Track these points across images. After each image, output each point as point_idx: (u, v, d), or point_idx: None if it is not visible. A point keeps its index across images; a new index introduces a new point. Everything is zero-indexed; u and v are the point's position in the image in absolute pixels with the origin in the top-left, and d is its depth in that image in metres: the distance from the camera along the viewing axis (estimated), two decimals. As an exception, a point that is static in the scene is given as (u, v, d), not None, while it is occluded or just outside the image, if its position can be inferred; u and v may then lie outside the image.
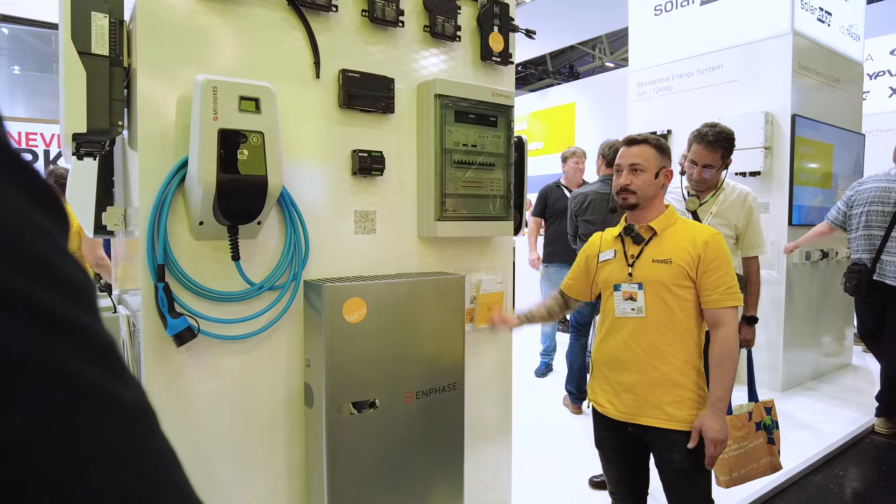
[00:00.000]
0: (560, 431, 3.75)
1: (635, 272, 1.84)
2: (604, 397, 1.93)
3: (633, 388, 1.83)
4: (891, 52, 7.40)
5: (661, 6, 5.35)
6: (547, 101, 14.41)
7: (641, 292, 1.81)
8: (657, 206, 1.89)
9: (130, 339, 1.76)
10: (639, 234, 1.86)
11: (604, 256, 1.95)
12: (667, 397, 1.78)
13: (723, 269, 1.77)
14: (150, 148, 1.64)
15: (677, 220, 1.88)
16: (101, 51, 1.57)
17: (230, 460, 1.80)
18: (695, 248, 1.78)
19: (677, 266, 1.78)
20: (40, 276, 0.26)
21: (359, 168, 1.96)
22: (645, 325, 1.81)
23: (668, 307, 1.79)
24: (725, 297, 1.76)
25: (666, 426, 1.79)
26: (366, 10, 1.97)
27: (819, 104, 4.83)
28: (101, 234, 2.12)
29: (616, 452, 1.98)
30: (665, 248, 1.82)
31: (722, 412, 1.74)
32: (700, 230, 1.84)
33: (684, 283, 1.78)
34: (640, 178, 1.84)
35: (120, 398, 0.28)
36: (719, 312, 1.77)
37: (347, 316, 1.79)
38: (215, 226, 1.66)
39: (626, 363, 1.85)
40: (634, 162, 1.85)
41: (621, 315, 1.85)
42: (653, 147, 1.87)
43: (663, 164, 1.88)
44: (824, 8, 4.88)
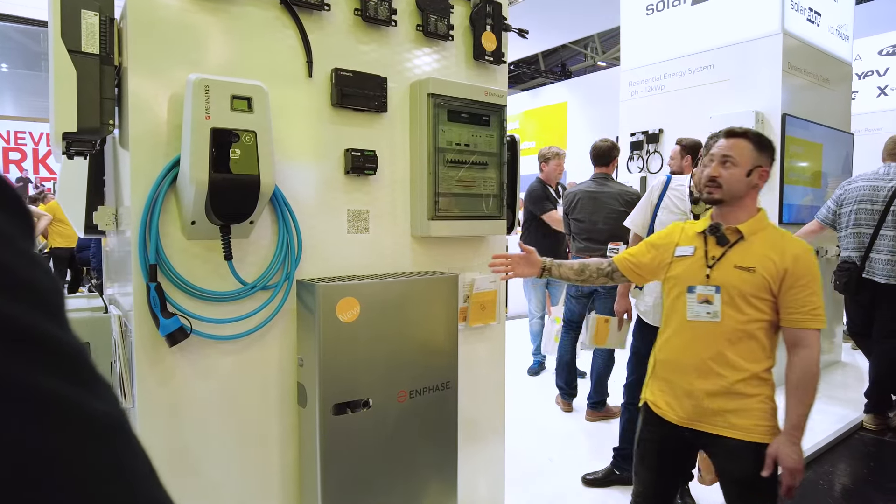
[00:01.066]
0: (553, 430, 3.76)
1: (714, 275, 1.73)
2: (663, 399, 1.84)
3: (695, 393, 1.75)
4: (879, 52, 7.47)
5: (653, 6, 5.37)
6: (539, 100, 14.45)
7: (718, 296, 1.71)
8: (748, 207, 1.77)
9: (122, 340, 1.76)
10: (724, 236, 1.75)
11: (681, 251, 1.84)
12: (730, 405, 1.70)
13: (811, 288, 1.65)
14: (142, 147, 1.63)
15: (768, 227, 1.76)
16: (92, 49, 1.56)
17: (223, 461, 1.80)
18: (783, 260, 1.66)
19: (760, 276, 1.67)
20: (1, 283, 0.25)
21: (352, 167, 1.96)
22: (715, 331, 1.71)
23: (743, 316, 1.69)
24: (810, 319, 1.65)
25: (727, 434, 1.71)
26: (358, 9, 1.97)
27: (809, 104, 4.87)
28: (92, 234, 2.10)
29: (657, 455, 1.89)
30: (751, 254, 1.70)
31: (799, 440, 1.63)
32: (791, 242, 1.72)
33: (764, 296, 1.67)
34: (729, 171, 1.73)
35: (90, 411, 0.26)
36: (802, 333, 1.66)
37: (341, 315, 1.79)
38: (207, 225, 1.65)
39: (690, 367, 1.76)
40: (728, 154, 1.74)
41: (694, 318, 1.74)
42: (751, 142, 1.75)
43: (759, 163, 1.76)
44: (814, 8, 4.92)
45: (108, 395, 0.28)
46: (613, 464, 3.00)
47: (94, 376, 0.28)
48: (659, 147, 5.18)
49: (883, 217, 3.76)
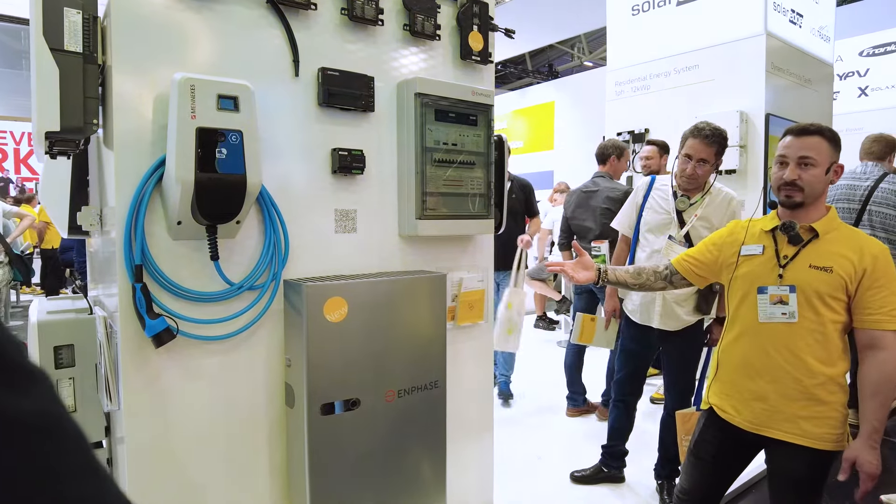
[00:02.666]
0: (541, 428, 3.78)
1: (787, 275, 1.67)
2: (729, 404, 1.80)
3: (765, 397, 1.70)
4: (859, 53, 7.59)
5: (639, 6, 5.41)
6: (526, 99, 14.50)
7: (794, 296, 1.65)
8: (821, 205, 1.72)
9: (108, 341, 1.74)
10: (798, 235, 1.68)
11: (748, 250, 1.77)
12: (804, 412, 1.66)
13: (890, 288, 1.60)
14: (126, 147, 1.62)
15: (840, 226, 1.70)
16: (75, 47, 1.54)
17: (211, 462, 1.79)
18: (861, 260, 1.61)
19: (838, 276, 1.61)
20: None
21: (339, 167, 1.96)
22: (791, 332, 1.66)
23: (818, 317, 1.63)
24: (890, 319, 1.59)
25: (799, 442, 1.66)
26: (345, 9, 1.96)
27: (792, 104, 4.93)
28: (76, 235, 2.08)
29: (715, 458, 1.85)
30: (826, 254, 1.65)
31: (878, 444, 1.59)
32: (868, 242, 1.66)
33: (839, 296, 1.62)
34: (809, 173, 1.66)
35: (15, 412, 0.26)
36: (879, 335, 1.60)
37: (328, 315, 1.79)
38: (193, 225, 1.64)
39: (761, 370, 1.71)
40: (806, 155, 1.66)
41: (767, 320, 1.68)
42: (827, 140, 1.68)
43: (834, 159, 1.70)
44: (796, 10, 4.99)
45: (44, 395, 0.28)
46: (602, 461, 3.02)
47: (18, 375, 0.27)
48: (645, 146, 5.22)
49: (859, 216, 3.82)
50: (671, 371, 2.81)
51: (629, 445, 2.98)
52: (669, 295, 2.70)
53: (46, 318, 1.86)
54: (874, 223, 3.78)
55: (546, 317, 7.24)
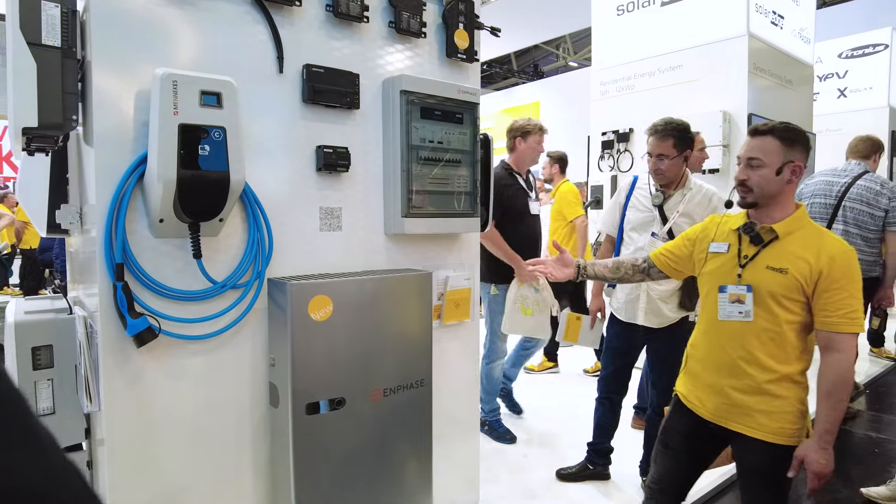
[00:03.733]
0: (526, 426, 3.79)
1: (745, 274, 1.70)
2: (694, 393, 1.84)
3: (724, 391, 1.74)
4: (838, 55, 7.71)
5: (624, 6, 5.45)
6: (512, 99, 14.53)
7: (750, 295, 1.68)
8: (784, 205, 1.71)
9: (87, 342, 1.71)
10: (759, 235, 1.70)
11: (715, 247, 1.80)
12: (760, 406, 1.68)
13: (848, 291, 1.59)
14: (107, 143, 1.59)
15: (806, 226, 1.69)
16: (53, 42, 1.51)
17: (193, 463, 1.76)
18: (818, 261, 1.60)
19: (792, 278, 1.62)
20: None
21: (324, 164, 1.94)
22: (746, 330, 1.69)
23: (773, 317, 1.65)
24: (846, 322, 1.59)
25: (753, 434, 1.70)
26: (330, 5, 1.95)
27: (773, 104, 5.00)
28: (55, 233, 2.04)
29: (681, 446, 1.89)
30: (784, 255, 1.66)
31: (829, 444, 1.60)
32: (829, 243, 1.64)
33: (796, 297, 1.63)
34: (758, 173, 1.68)
35: None
36: (836, 336, 1.60)
37: (313, 314, 1.77)
38: (176, 223, 1.62)
39: (719, 366, 1.75)
40: (753, 156, 1.69)
41: (726, 318, 1.72)
42: (777, 139, 1.68)
43: (790, 158, 1.68)
44: (777, 11, 5.05)
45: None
46: (587, 458, 3.03)
47: None
48: (629, 146, 5.25)
49: (835, 212, 3.89)
50: (656, 368, 2.84)
51: (614, 442, 2.99)
52: (654, 292, 2.72)
53: (24, 319, 1.83)
54: (847, 219, 3.86)
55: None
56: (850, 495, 2.89)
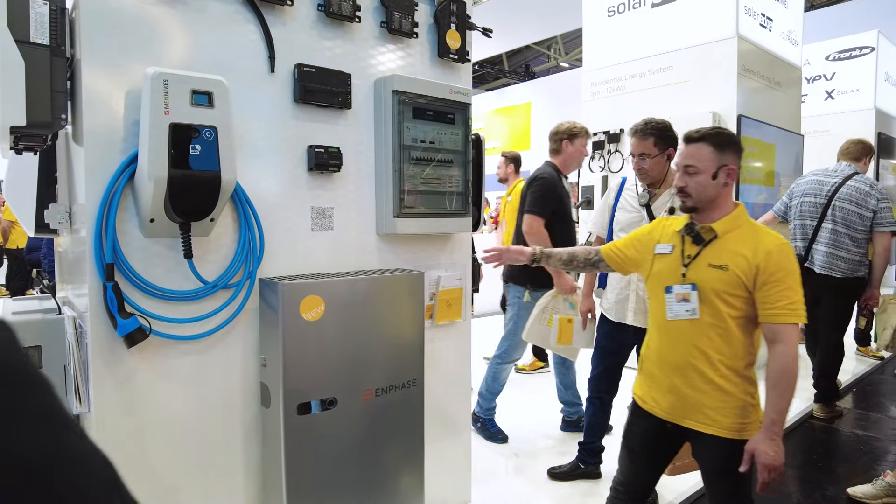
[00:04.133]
0: (518, 425, 3.80)
1: (689, 273, 1.75)
2: (648, 394, 1.88)
3: (677, 389, 1.78)
4: (826, 57, 7.79)
5: (615, 8, 5.48)
6: (504, 99, 14.58)
7: (695, 293, 1.72)
8: (723, 205, 1.77)
9: (77, 342, 1.70)
10: (699, 235, 1.75)
11: (661, 249, 1.85)
12: (711, 402, 1.72)
13: (786, 283, 1.64)
14: (97, 142, 1.58)
15: (744, 224, 1.76)
16: (41, 40, 1.50)
17: (185, 463, 1.75)
18: (754, 256, 1.66)
19: (733, 274, 1.67)
20: None
21: (315, 164, 1.94)
22: (693, 328, 1.74)
23: (717, 313, 1.70)
24: (786, 313, 1.64)
25: (706, 430, 1.74)
26: (322, 5, 1.95)
27: (762, 105, 5.04)
28: (43, 233, 2.02)
29: (642, 448, 1.93)
30: (724, 252, 1.71)
31: (777, 436, 1.64)
32: (766, 238, 1.70)
33: (738, 293, 1.68)
34: (694, 179, 1.74)
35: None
36: (778, 328, 1.65)
37: (304, 314, 1.77)
38: (167, 223, 1.61)
39: (672, 364, 1.79)
40: (688, 164, 1.75)
41: (674, 318, 1.77)
42: (710, 145, 1.74)
43: (724, 162, 1.74)
44: (766, 14, 5.10)
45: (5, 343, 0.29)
46: (579, 458, 3.04)
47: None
48: (620, 147, 5.28)
49: (824, 211, 3.95)
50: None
51: (606, 441, 3.01)
52: (643, 292, 2.74)
53: (12, 319, 1.81)
54: (836, 218, 3.92)
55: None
56: (837, 493, 2.93)
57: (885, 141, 7.50)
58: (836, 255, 3.90)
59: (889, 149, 7.72)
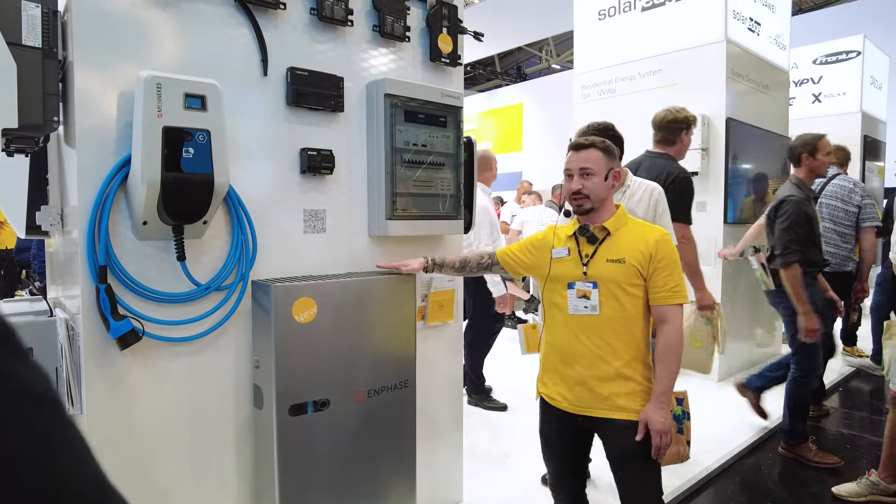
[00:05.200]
0: (508, 425, 3.83)
1: (590, 271, 1.87)
2: (555, 390, 1.97)
3: (584, 381, 1.88)
4: (813, 61, 7.88)
5: (605, 11, 5.52)
6: (495, 101, 14.62)
7: (596, 291, 1.85)
8: (609, 206, 1.93)
9: (69, 344, 1.70)
10: (593, 235, 1.89)
11: (557, 254, 1.97)
12: (617, 389, 1.84)
13: (670, 269, 1.83)
14: (89, 145, 1.59)
15: (629, 221, 1.93)
16: (33, 42, 1.50)
17: (177, 465, 1.76)
18: (647, 247, 1.82)
19: (630, 265, 1.82)
20: None
21: (308, 166, 1.95)
22: (597, 322, 1.86)
23: (620, 305, 1.84)
24: (672, 295, 1.82)
25: (616, 417, 1.85)
26: (315, 9, 1.96)
27: (750, 108, 5.10)
28: (34, 235, 2.02)
29: (561, 444, 2.02)
30: (619, 247, 1.86)
31: (665, 405, 1.80)
32: (650, 230, 1.89)
33: (636, 282, 1.83)
34: (591, 181, 1.87)
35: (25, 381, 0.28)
36: (665, 309, 1.83)
37: (297, 316, 1.78)
38: (160, 225, 1.62)
39: (577, 357, 1.89)
40: (585, 166, 1.88)
41: (575, 313, 1.89)
42: (599, 150, 1.90)
43: (611, 166, 1.92)
44: (754, 18, 5.16)
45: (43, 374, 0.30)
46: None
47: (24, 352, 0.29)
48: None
49: None
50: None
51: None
52: None
53: (3, 321, 1.80)
54: (824, 215, 4.09)
55: (514, 315, 7.32)
56: (822, 491, 2.97)
57: (870, 144, 7.60)
58: (824, 250, 3.99)
59: (875, 151, 7.82)
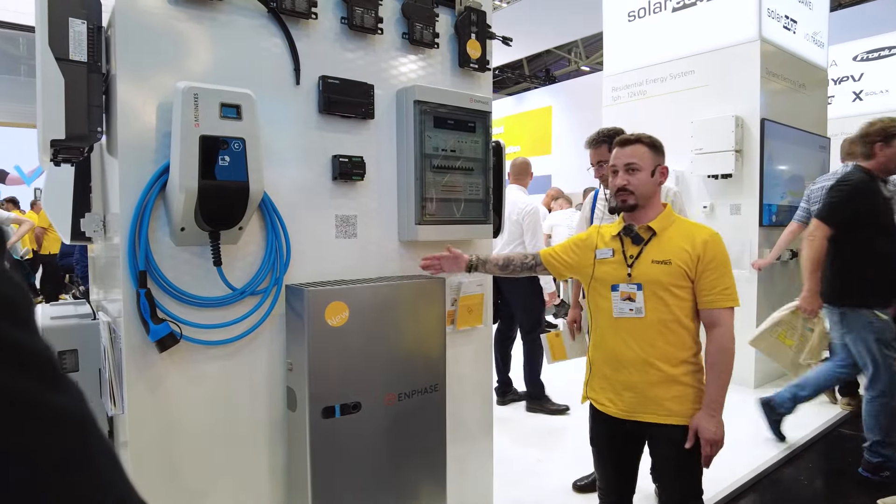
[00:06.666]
0: (539, 430, 3.80)
1: (634, 273, 1.82)
2: (604, 395, 1.92)
3: (633, 386, 1.83)
4: (854, 58, 7.65)
5: (635, 12, 5.46)
6: (524, 105, 14.56)
7: (640, 293, 1.80)
8: (655, 205, 1.87)
9: (111, 346, 1.76)
10: (638, 235, 1.84)
11: (601, 254, 1.92)
12: (667, 394, 1.79)
13: (721, 270, 1.76)
14: (130, 154, 1.64)
15: (676, 220, 1.87)
16: (79, 57, 1.57)
17: (212, 465, 1.80)
18: (694, 248, 1.77)
19: (677, 267, 1.77)
20: None
21: (339, 173, 1.99)
22: (643, 325, 1.81)
23: (667, 307, 1.78)
24: (722, 298, 1.75)
25: (666, 422, 1.80)
26: (345, 18, 1.99)
27: (786, 108, 4.98)
28: (79, 241, 2.10)
29: (611, 451, 1.98)
30: (665, 248, 1.80)
31: (717, 413, 1.74)
32: (699, 230, 1.83)
33: (683, 284, 1.77)
34: (636, 177, 1.82)
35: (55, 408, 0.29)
36: (716, 312, 1.76)
37: (329, 319, 1.81)
38: (197, 231, 1.66)
39: (625, 362, 1.84)
40: (630, 161, 1.84)
41: (619, 315, 1.84)
42: (646, 145, 1.85)
43: (658, 162, 1.86)
44: (790, 16, 5.04)
45: (74, 395, 0.31)
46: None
47: (56, 375, 0.30)
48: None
49: None
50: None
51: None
52: None
53: (50, 324, 1.88)
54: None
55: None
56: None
57: (915, 142, 7.32)
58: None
59: (920, 150, 7.53)
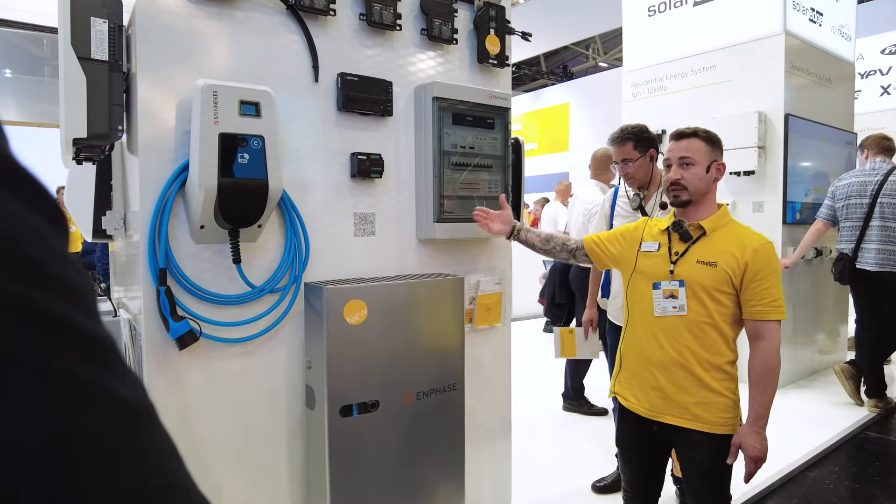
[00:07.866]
0: (557, 430, 3.77)
1: (677, 270, 1.77)
2: (630, 392, 1.89)
3: (660, 386, 1.79)
4: (881, 51, 7.46)
5: (655, 7, 5.38)
6: (541, 101, 14.47)
7: (683, 290, 1.75)
8: (710, 203, 1.81)
9: (132, 343, 1.77)
10: (687, 232, 1.78)
11: (646, 247, 1.87)
12: (694, 399, 1.74)
13: (770, 281, 1.69)
14: (150, 152, 1.65)
15: (730, 222, 1.81)
16: (101, 56, 1.57)
17: (231, 463, 1.81)
18: (743, 254, 1.70)
19: (722, 270, 1.71)
20: (35, 278, 0.26)
21: (358, 171, 1.98)
22: (681, 325, 1.75)
23: (706, 310, 1.73)
24: (770, 310, 1.69)
25: (691, 427, 1.75)
26: (363, 14, 1.98)
27: (811, 103, 4.87)
28: (100, 238, 2.12)
29: (636, 451, 1.93)
30: (712, 249, 1.74)
31: (762, 429, 1.69)
32: (752, 237, 1.76)
33: (726, 289, 1.71)
34: (690, 171, 1.77)
35: (117, 396, 0.28)
36: (762, 325, 1.70)
37: (348, 318, 1.80)
38: (216, 229, 1.67)
39: (655, 361, 1.80)
40: (685, 156, 1.78)
41: (661, 314, 1.78)
42: (702, 139, 1.79)
43: (714, 157, 1.80)
44: (816, 8, 4.93)
45: (136, 383, 0.30)
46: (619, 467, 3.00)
47: (121, 365, 0.30)
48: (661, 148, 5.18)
49: (870, 210, 3.98)
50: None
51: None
52: None
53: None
54: (885, 215, 3.93)
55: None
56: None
57: (945, 138, 7.13)
58: (890, 250, 3.91)
59: (950, 146, 7.33)
